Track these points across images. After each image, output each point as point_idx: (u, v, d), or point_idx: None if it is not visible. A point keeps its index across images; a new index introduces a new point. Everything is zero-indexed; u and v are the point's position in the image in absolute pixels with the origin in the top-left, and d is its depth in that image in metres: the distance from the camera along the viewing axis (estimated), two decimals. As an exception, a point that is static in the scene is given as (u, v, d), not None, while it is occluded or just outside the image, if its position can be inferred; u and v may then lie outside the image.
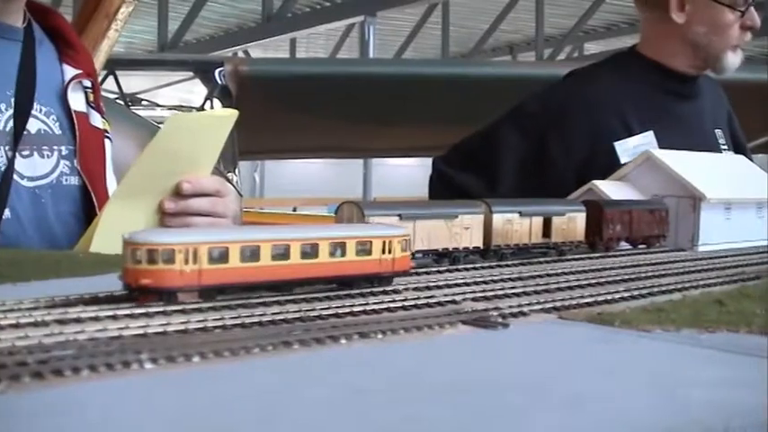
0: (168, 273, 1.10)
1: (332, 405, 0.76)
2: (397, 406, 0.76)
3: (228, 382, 0.83)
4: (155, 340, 0.96)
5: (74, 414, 0.71)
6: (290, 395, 0.79)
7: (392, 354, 0.97)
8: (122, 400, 0.76)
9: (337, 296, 1.24)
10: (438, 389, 0.83)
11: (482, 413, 0.75)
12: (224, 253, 1.14)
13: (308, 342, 0.98)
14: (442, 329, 1.08)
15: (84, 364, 0.84)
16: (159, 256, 1.09)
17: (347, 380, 0.85)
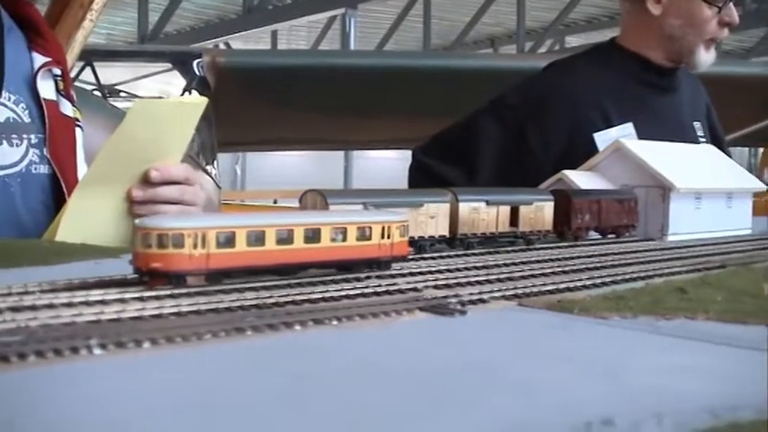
0: (177, 257, 1.13)
1: (277, 391, 0.75)
2: (343, 392, 0.76)
3: (176, 368, 0.82)
4: (107, 326, 0.96)
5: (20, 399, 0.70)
6: (236, 381, 0.79)
7: (344, 340, 0.96)
8: (66, 387, 0.75)
9: (310, 282, 1.24)
10: (388, 375, 0.82)
11: (430, 399, 0.74)
12: (231, 238, 1.17)
13: (262, 328, 0.97)
14: (399, 316, 1.08)
15: (31, 350, 0.83)
16: (169, 241, 1.12)
17: (295, 366, 0.84)
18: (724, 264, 1.67)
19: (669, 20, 3.25)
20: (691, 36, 3.23)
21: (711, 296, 1.24)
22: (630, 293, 1.25)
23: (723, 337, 0.99)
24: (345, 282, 1.28)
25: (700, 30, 3.22)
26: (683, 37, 3.24)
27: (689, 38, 3.24)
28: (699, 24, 3.22)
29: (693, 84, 3.62)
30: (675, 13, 3.24)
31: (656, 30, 3.28)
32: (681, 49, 3.27)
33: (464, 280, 1.34)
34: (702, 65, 3.30)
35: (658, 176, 2.12)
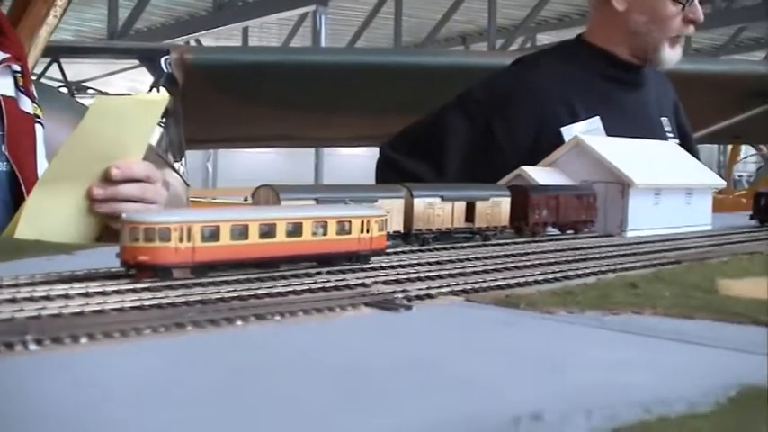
0: (164, 250, 1.16)
1: (211, 386, 0.75)
2: (279, 387, 0.75)
3: (112, 364, 0.81)
4: (46, 322, 0.95)
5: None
6: (170, 377, 0.78)
7: (285, 335, 0.95)
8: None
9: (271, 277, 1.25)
10: (325, 370, 0.81)
11: (364, 394, 0.73)
12: (215, 231, 1.21)
13: (202, 324, 0.96)
14: (344, 311, 1.07)
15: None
16: (156, 234, 1.15)
17: (233, 361, 0.84)
18: (679, 259, 1.66)
19: (634, 16, 3.25)
20: (655, 33, 3.24)
21: (661, 291, 1.24)
22: (580, 289, 1.25)
23: (667, 332, 0.99)
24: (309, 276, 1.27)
25: (664, 26, 3.23)
26: (647, 33, 3.25)
27: (653, 34, 3.24)
28: (663, 21, 3.22)
29: (661, 80, 3.62)
30: (640, 10, 3.25)
31: (621, 25, 3.28)
32: (646, 45, 3.27)
33: (414, 275, 1.33)
34: (668, 62, 3.30)
35: (617, 172, 2.12)
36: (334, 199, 1.51)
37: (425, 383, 0.77)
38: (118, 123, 2.10)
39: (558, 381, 0.79)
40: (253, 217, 1.26)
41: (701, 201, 2.38)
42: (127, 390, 0.73)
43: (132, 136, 2.17)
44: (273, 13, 17.48)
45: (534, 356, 0.89)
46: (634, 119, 3.29)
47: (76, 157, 2.08)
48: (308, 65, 7.67)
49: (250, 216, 1.26)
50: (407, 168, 3.33)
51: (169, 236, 1.16)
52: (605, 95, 3.31)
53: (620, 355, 0.89)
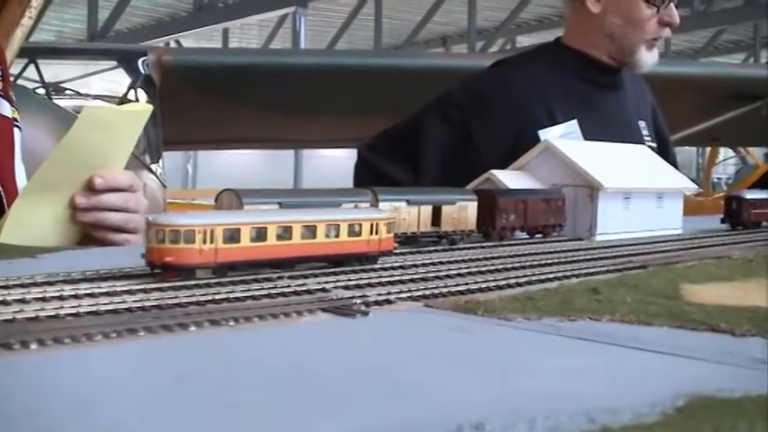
0: (189, 251, 1.22)
1: (155, 392, 0.74)
2: (221, 393, 0.74)
3: (59, 370, 0.81)
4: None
5: None
6: (114, 384, 0.77)
7: (237, 341, 0.95)
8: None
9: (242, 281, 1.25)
10: (271, 376, 0.81)
11: (305, 400, 0.73)
12: (236, 234, 1.27)
13: (155, 329, 0.96)
14: (300, 317, 1.06)
15: None
16: (181, 237, 1.22)
17: (179, 367, 0.83)
18: (645, 264, 1.66)
19: (609, 18, 3.26)
20: (631, 35, 3.24)
21: (622, 297, 1.23)
22: (541, 294, 1.24)
23: (622, 339, 0.98)
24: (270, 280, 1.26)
25: (639, 29, 3.23)
26: (623, 36, 3.25)
27: (629, 37, 3.25)
28: (638, 23, 3.22)
29: (639, 83, 3.63)
30: (615, 12, 3.25)
31: (597, 28, 3.29)
32: (622, 48, 3.28)
33: (375, 280, 1.32)
34: (644, 65, 3.31)
35: (586, 176, 2.12)
36: (298, 203, 1.50)
37: (371, 390, 0.76)
38: (103, 133, 2.10)
39: (505, 388, 0.78)
40: (271, 220, 1.33)
41: (672, 204, 2.37)
42: (64, 398, 0.72)
43: (116, 145, 2.17)
44: (253, 15, 17.47)
45: (484, 364, 0.89)
46: (612, 122, 3.30)
47: (62, 166, 2.08)
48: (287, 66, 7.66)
49: (268, 219, 1.33)
50: (385, 170, 3.32)
51: (194, 238, 1.22)
52: (583, 98, 3.31)
53: (571, 363, 0.89)
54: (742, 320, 1.07)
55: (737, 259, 1.81)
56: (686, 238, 2.21)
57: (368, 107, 7.44)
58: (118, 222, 2.21)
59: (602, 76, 3.37)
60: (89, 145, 2.08)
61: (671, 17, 3.24)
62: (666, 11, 3.22)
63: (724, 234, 2.37)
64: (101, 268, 1.28)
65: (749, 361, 0.90)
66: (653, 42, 3.28)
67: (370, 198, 1.64)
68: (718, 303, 1.23)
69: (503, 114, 3.21)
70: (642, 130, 3.50)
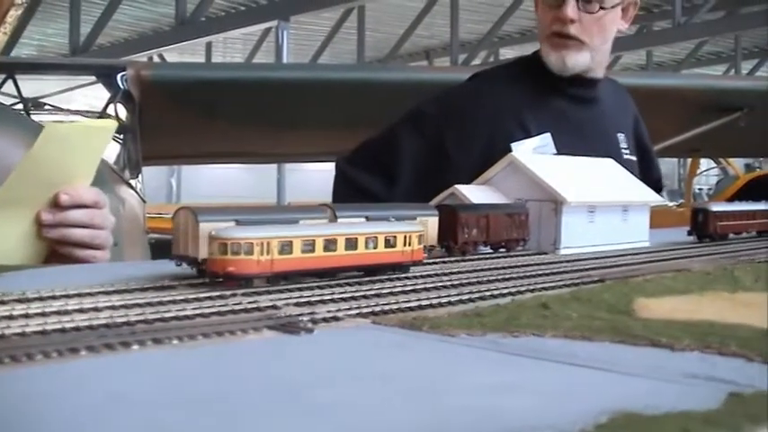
0: (248, 262, 1.35)
1: (83, 411, 0.75)
2: (143, 412, 0.75)
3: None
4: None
5: None
6: (47, 401, 0.78)
7: (172, 360, 0.95)
8: None
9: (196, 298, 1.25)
10: (195, 396, 0.81)
11: (220, 421, 0.73)
12: (289, 245, 1.41)
13: (98, 348, 0.96)
14: (245, 335, 1.07)
15: None
16: (242, 249, 1.35)
17: (111, 387, 0.83)
18: (603, 278, 1.67)
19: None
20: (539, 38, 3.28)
21: (570, 312, 1.24)
22: (490, 310, 1.25)
23: (560, 355, 0.99)
24: (223, 297, 1.27)
25: (541, 29, 3.25)
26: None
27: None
28: (541, 24, 3.25)
29: (620, 95, 3.64)
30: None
31: None
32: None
33: (328, 297, 1.33)
34: (553, 66, 3.25)
35: (550, 190, 2.13)
36: (254, 221, 1.51)
37: (289, 411, 0.77)
38: (67, 149, 2.11)
39: (429, 407, 0.79)
40: (318, 233, 1.46)
41: (638, 217, 2.39)
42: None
43: (81, 162, 2.18)
44: (236, 29, 17.47)
45: (414, 381, 0.89)
46: (587, 135, 3.30)
47: (27, 182, 2.08)
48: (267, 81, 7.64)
49: (316, 232, 1.46)
50: (362, 183, 3.33)
51: (252, 250, 1.35)
52: (558, 111, 3.31)
53: (503, 380, 0.89)
54: (683, 335, 1.08)
55: (696, 272, 1.82)
56: (650, 251, 2.22)
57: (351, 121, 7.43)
58: (83, 239, 2.21)
59: (578, 88, 3.37)
60: (53, 161, 2.09)
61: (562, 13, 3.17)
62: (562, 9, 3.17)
63: (690, 246, 2.39)
64: (56, 286, 1.29)
65: (682, 376, 0.91)
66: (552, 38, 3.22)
67: (328, 215, 1.65)
68: (666, 317, 1.24)
69: (476, 127, 3.22)
70: (620, 143, 3.50)
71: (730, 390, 0.84)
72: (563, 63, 3.24)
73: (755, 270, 1.87)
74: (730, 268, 1.88)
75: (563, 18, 3.16)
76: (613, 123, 3.52)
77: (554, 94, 3.34)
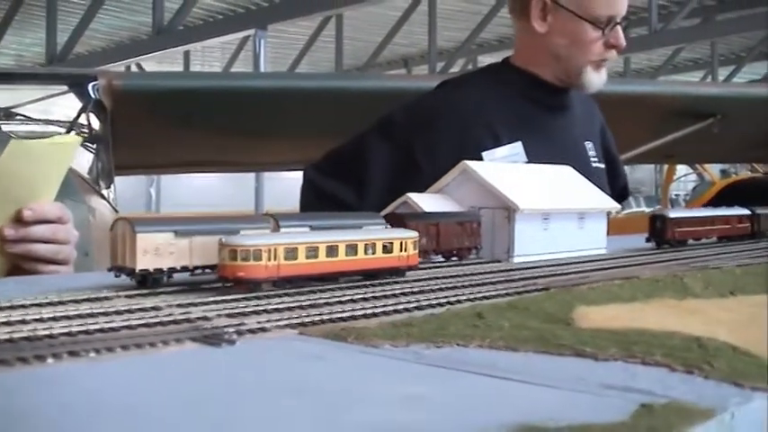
0: (257, 267, 1.43)
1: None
2: (50, 428, 0.74)
3: None
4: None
5: None
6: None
7: (87, 373, 0.94)
8: None
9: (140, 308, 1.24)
10: (97, 412, 0.80)
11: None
12: (294, 252, 1.48)
13: (11, 362, 0.95)
14: (166, 347, 1.06)
15: None
16: (251, 255, 1.43)
17: (15, 402, 0.82)
18: (549, 286, 1.66)
19: (554, 39, 3.26)
20: (577, 56, 3.24)
21: (504, 322, 1.23)
22: (422, 320, 1.24)
23: (479, 366, 0.98)
24: (157, 309, 1.26)
25: (585, 50, 3.23)
26: (569, 57, 3.25)
27: (575, 58, 3.25)
28: (584, 45, 3.22)
29: (587, 103, 3.63)
30: (561, 33, 3.25)
31: (543, 48, 3.29)
32: (568, 68, 3.28)
33: (261, 308, 1.32)
34: (591, 86, 3.30)
35: (502, 197, 2.12)
36: (193, 231, 1.50)
37: (191, 424, 0.76)
38: (31, 165, 2.11)
39: (330, 420, 0.78)
40: (321, 240, 1.54)
41: (595, 224, 2.38)
42: None
43: (45, 177, 2.18)
44: (213, 38, 17.43)
45: (327, 394, 0.88)
46: (557, 143, 3.30)
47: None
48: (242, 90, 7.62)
49: (319, 239, 1.54)
50: (330, 191, 3.31)
51: (261, 256, 1.43)
52: (529, 119, 3.30)
53: (413, 392, 0.88)
54: (610, 344, 1.08)
55: (645, 279, 1.81)
56: (604, 258, 2.21)
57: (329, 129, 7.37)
58: (47, 254, 2.21)
59: (549, 96, 3.37)
60: (17, 177, 2.09)
61: (617, 39, 3.23)
62: (612, 33, 3.22)
63: (646, 253, 2.38)
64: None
65: (599, 387, 0.90)
66: (600, 63, 3.28)
67: (271, 225, 1.64)
68: (603, 326, 1.24)
69: (445, 135, 3.20)
70: (589, 152, 3.50)
71: (644, 401, 0.84)
72: (602, 81, 3.29)
73: (706, 277, 1.87)
74: (680, 275, 1.87)
75: (619, 46, 3.23)
76: (582, 131, 3.52)
77: (525, 102, 3.34)
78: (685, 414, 0.81)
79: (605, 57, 3.26)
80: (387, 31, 20.99)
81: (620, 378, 0.94)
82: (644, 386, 0.91)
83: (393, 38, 21.00)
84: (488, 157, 3.12)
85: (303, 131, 7.99)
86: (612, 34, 3.22)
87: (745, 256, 2.32)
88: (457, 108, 3.28)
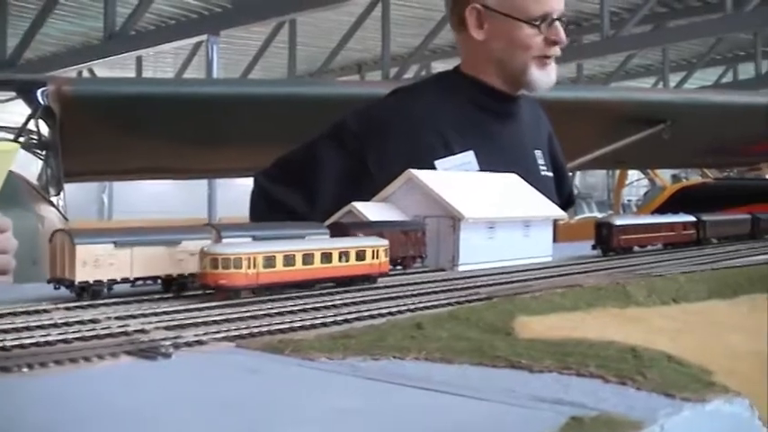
0: (237, 275, 1.48)
1: None
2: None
3: None
4: None
5: None
6: None
7: (15, 390, 0.93)
8: None
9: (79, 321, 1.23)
10: (26, 426, 0.79)
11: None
12: (272, 260, 1.53)
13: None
14: (101, 360, 1.05)
15: None
16: (232, 263, 1.47)
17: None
18: (492, 295, 1.66)
19: (493, 44, 3.28)
20: (517, 56, 3.26)
21: (442, 333, 1.23)
22: (361, 331, 1.23)
23: (413, 379, 0.97)
24: (96, 322, 1.25)
25: (524, 49, 3.25)
26: (510, 59, 3.27)
27: (516, 59, 3.26)
28: (521, 44, 3.24)
29: (536, 112, 3.65)
30: (498, 37, 3.27)
31: (485, 55, 3.31)
32: (511, 70, 3.29)
33: (200, 320, 1.31)
34: (538, 85, 3.31)
35: (447, 206, 2.13)
36: (133, 242, 1.49)
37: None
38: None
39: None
40: (298, 248, 1.60)
41: (541, 232, 2.39)
42: None
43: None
44: (165, 43, 17.33)
45: (258, 409, 0.87)
46: (508, 152, 3.31)
47: None
48: (192, 96, 7.59)
49: (295, 247, 1.60)
50: (280, 198, 3.31)
51: (241, 264, 1.48)
52: (480, 127, 3.31)
53: (348, 405, 0.88)
54: (545, 356, 1.08)
55: (588, 288, 1.81)
56: (549, 267, 2.22)
57: (283, 136, 7.35)
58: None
59: (498, 104, 3.38)
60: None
61: (556, 35, 3.25)
62: (551, 30, 3.24)
63: (591, 261, 2.39)
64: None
65: (531, 399, 0.90)
66: (543, 60, 3.28)
67: (212, 235, 1.63)
68: (542, 336, 1.24)
69: (398, 143, 3.21)
70: (538, 160, 3.51)
71: (574, 413, 0.84)
72: (550, 80, 3.29)
73: (649, 285, 1.88)
74: (623, 283, 1.87)
75: (560, 41, 3.23)
76: (531, 140, 3.54)
77: (476, 110, 3.35)
78: (615, 426, 0.81)
79: (546, 53, 3.28)
80: (340, 37, 20.97)
81: (552, 390, 0.94)
82: (576, 398, 0.90)
83: (347, 43, 20.98)
84: (441, 165, 3.13)
85: (256, 138, 7.97)
86: (551, 31, 3.24)
87: (690, 263, 2.33)
88: (409, 116, 3.29)
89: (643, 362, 1.07)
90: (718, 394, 0.94)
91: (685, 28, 18.33)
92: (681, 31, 18.66)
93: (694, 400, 0.92)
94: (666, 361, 1.08)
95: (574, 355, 1.08)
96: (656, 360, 1.08)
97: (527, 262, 2.28)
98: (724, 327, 1.56)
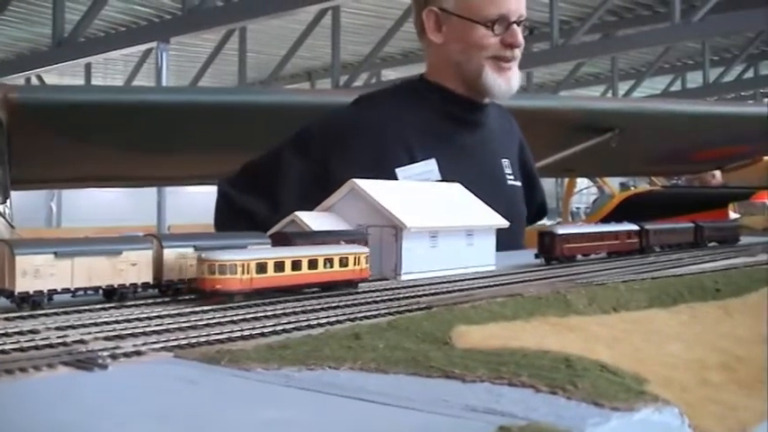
0: (232, 280, 1.58)
1: None
2: None
3: None
4: None
5: None
6: None
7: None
8: None
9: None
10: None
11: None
12: (264, 266, 1.63)
13: None
14: (37, 371, 1.05)
15: None
16: (227, 269, 1.57)
17: None
18: (431, 305, 1.67)
19: (451, 46, 3.31)
20: (472, 58, 3.28)
21: (379, 343, 1.24)
22: (298, 341, 1.24)
23: (347, 389, 0.98)
24: (34, 332, 1.25)
25: (479, 50, 3.27)
26: (466, 60, 3.29)
27: (471, 60, 3.28)
28: (476, 45, 3.26)
29: (505, 120, 3.66)
30: (455, 39, 3.30)
31: (445, 59, 3.33)
32: (469, 73, 3.31)
33: (140, 330, 1.31)
34: (495, 89, 3.32)
35: (390, 216, 2.14)
36: (74, 252, 1.49)
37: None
38: None
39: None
40: (287, 255, 1.69)
41: (484, 241, 2.41)
42: None
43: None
44: (115, 50, 17.22)
45: (190, 419, 0.88)
46: (472, 160, 3.32)
47: None
48: (144, 103, 7.56)
49: (285, 254, 1.69)
50: (244, 206, 3.31)
51: (236, 270, 1.57)
52: (444, 135, 3.33)
53: (280, 416, 0.89)
54: (479, 365, 1.09)
55: (529, 297, 1.83)
56: (492, 275, 2.23)
57: (232, 143, 7.37)
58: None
59: (464, 112, 3.40)
60: None
61: (512, 37, 3.27)
62: (508, 32, 3.26)
63: (533, 270, 2.40)
64: None
65: (462, 410, 0.92)
66: (500, 64, 3.29)
67: (153, 245, 1.63)
68: (479, 346, 1.25)
69: (361, 151, 3.22)
70: (505, 169, 3.52)
71: (503, 423, 0.85)
72: (509, 86, 3.30)
73: (590, 293, 1.90)
74: (564, 292, 1.89)
75: (516, 44, 3.23)
76: (499, 148, 3.55)
77: (441, 118, 3.36)
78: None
79: (502, 54, 3.29)
80: (290, 45, 20.94)
81: (484, 400, 0.95)
82: (506, 408, 0.92)
83: (296, 51, 20.94)
84: (402, 174, 3.15)
85: (206, 146, 7.96)
86: (508, 33, 3.25)
87: (632, 272, 2.36)
88: (372, 124, 3.30)
89: (576, 371, 1.08)
90: (648, 403, 0.95)
91: (634, 37, 18.44)
92: (630, 39, 18.77)
93: (623, 409, 0.93)
94: (599, 370, 1.10)
95: (507, 365, 1.09)
96: (589, 370, 1.09)
97: (470, 271, 2.30)
98: (662, 335, 1.57)
